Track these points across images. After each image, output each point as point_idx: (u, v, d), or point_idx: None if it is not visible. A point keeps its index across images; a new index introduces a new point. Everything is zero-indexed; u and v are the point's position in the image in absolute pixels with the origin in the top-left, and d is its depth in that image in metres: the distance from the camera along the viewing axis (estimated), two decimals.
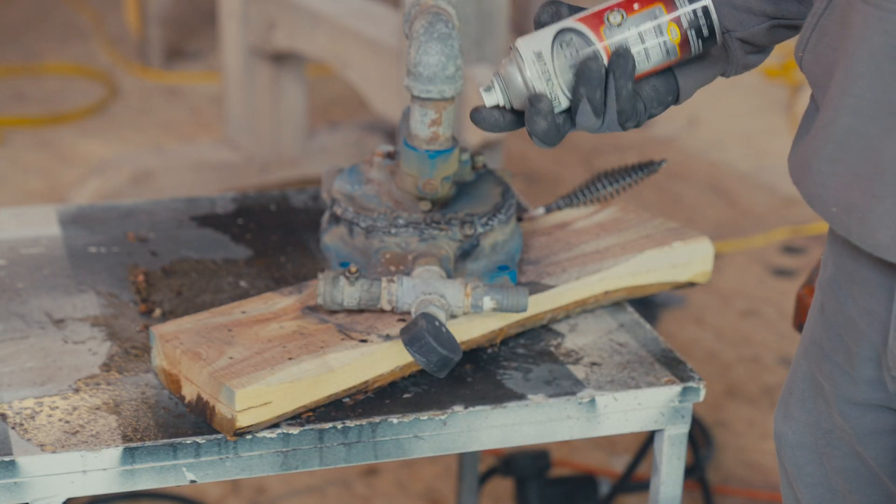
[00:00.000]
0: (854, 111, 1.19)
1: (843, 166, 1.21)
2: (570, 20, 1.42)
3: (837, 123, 1.21)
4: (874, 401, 1.31)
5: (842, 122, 1.21)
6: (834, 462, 1.36)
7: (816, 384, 1.37)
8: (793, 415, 1.40)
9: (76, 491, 1.51)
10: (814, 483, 1.39)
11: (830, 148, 1.22)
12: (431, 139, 1.72)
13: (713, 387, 3.25)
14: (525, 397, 1.63)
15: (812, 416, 1.38)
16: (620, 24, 1.40)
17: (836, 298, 1.32)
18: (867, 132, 1.18)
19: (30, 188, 4.20)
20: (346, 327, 1.64)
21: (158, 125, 4.72)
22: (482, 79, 3.18)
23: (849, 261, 1.29)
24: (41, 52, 5.31)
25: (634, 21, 1.41)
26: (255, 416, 1.52)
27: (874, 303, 1.27)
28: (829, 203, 1.23)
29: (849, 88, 1.20)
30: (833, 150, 1.22)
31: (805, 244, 3.99)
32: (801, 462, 1.40)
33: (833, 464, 1.36)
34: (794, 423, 1.40)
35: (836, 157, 1.22)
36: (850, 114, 1.20)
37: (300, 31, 3.75)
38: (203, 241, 1.97)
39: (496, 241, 1.78)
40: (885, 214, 1.18)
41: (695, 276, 1.87)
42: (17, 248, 1.93)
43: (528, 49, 1.42)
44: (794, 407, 1.40)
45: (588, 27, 1.41)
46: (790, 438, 1.41)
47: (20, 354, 1.67)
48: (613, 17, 1.41)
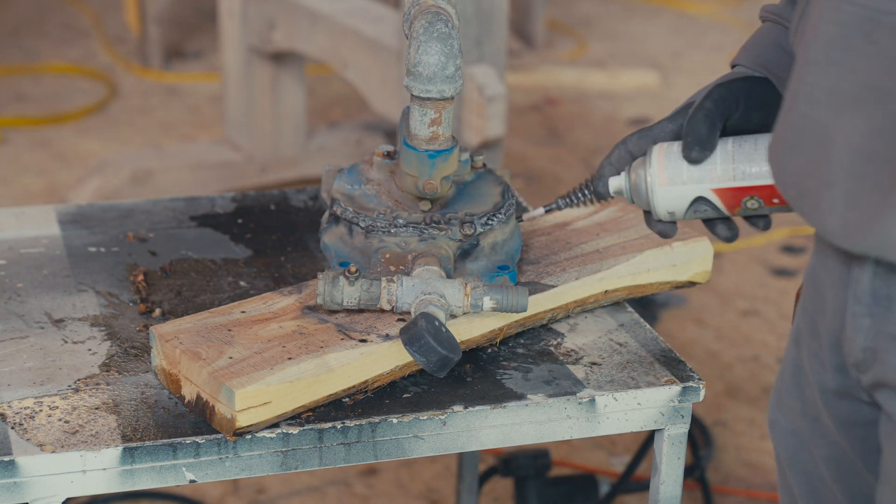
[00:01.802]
0: (808, 99, 1.21)
1: (798, 152, 1.23)
2: (706, 187, 1.47)
3: (794, 110, 1.23)
4: (844, 388, 1.32)
5: (798, 109, 1.23)
6: (820, 450, 1.38)
7: (802, 371, 1.38)
8: (784, 402, 1.41)
9: (76, 491, 1.51)
10: (804, 471, 1.41)
11: (787, 134, 1.25)
12: (431, 139, 1.72)
13: (713, 387, 3.25)
14: (525, 397, 1.63)
15: (800, 404, 1.39)
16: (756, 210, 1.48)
17: (812, 284, 1.35)
18: (819, 119, 1.20)
19: (29, 188, 4.20)
20: (346, 327, 1.64)
21: (158, 125, 4.72)
22: (483, 79, 3.18)
23: (822, 246, 1.32)
24: (41, 52, 5.31)
25: (768, 211, 1.49)
26: (255, 415, 1.52)
27: (836, 289, 1.28)
28: (789, 188, 1.26)
29: (804, 76, 1.21)
30: (790, 137, 1.24)
31: (805, 244, 3.99)
32: (793, 450, 1.41)
33: (819, 452, 1.38)
34: (786, 411, 1.41)
35: (793, 144, 1.24)
36: (804, 101, 1.21)
37: (300, 31, 3.75)
38: (203, 241, 1.97)
39: (496, 240, 1.78)
40: (834, 201, 1.20)
41: (694, 276, 1.87)
42: (16, 248, 1.93)
43: (663, 208, 1.50)
44: (785, 394, 1.42)
45: (724, 204, 1.49)
46: (783, 425, 1.42)
47: (20, 354, 1.67)
48: (751, 204, 1.48)
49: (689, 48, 5.58)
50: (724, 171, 1.47)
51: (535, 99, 5.04)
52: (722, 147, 1.46)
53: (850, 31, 1.17)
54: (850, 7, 1.17)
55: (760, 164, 1.45)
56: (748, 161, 1.46)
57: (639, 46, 5.64)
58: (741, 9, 6.02)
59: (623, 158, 1.53)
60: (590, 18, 5.99)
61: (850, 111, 1.18)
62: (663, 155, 1.49)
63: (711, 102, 1.44)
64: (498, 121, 3.20)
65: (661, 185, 1.48)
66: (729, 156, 1.46)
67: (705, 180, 1.48)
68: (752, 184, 1.47)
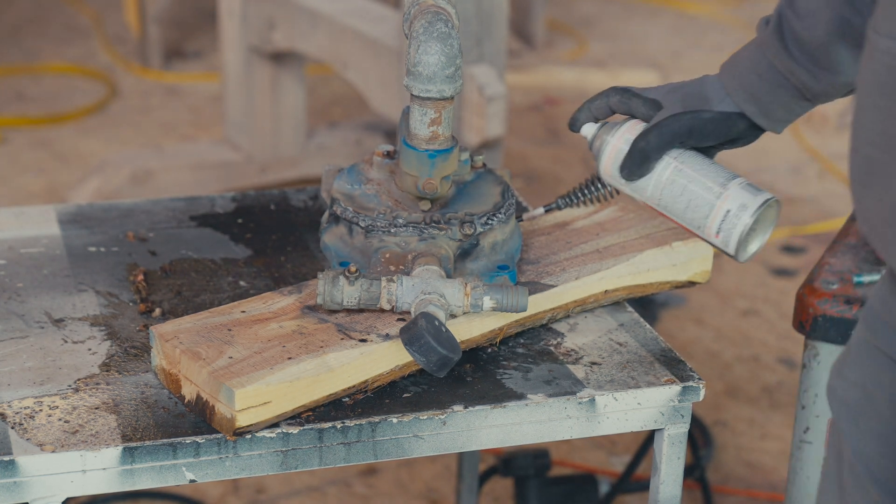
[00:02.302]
0: (868, 141, 1.22)
1: (869, 191, 1.24)
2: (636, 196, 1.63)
3: (859, 152, 1.24)
4: None
5: (862, 150, 1.23)
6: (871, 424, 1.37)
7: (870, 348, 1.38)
8: (844, 373, 1.40)
9: (76, 490, 1.51)
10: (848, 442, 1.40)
11: (858, 174, 1.25)
12: (431, 139, 1.72)
13: (713, 386, 3.25)
14: (525, 397, 1.63)
15: (859, 376, 1.38)
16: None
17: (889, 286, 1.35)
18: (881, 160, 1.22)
19: (29, 188, 4.20)
20: (346, 327, 1.64)
21: (158, 125, 4.72)
22: (483, 79, 3.18)
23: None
24: (41, 52, 5.31)
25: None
26: (255, 415, 1.52)
27: None
28: (863, 222, 1.27)
29: (859, 119, 1.22)
30: (861, 177, 1.25)
31: (805, 244, 3.99)
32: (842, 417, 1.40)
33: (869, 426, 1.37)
34: (844, 381, 1.40)
35: (864, 183, 1.25)
36: (866, 144, 1.22)
37: (300, 31, 3.75)
38: (203, 241, 1.97)
39: (496, 240, 1.78)
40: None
41: (694, 276, 1.87)
42: (16, 248, 1.93)
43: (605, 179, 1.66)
44: (846, 366, 1.41)
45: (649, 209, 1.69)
46: (838, 393, 1.41)
47: (20, 354, 1.67)
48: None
49: (689, 48, 5.58)
50: (652, 195, 1.60)
51: (535, 99, 5.04)
52: (661, 171, 1.58)
53: (884, 78, 1.18)
54: (882, 56, 1.18)
55: (681, 209, 1.57)
56: (672, 200, 1.58)
57: (639, 46, 5.64)
58: (741, 9, 6.02)
59: (601, 109, 1.66)
60: (590, 18, 5.99)
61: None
62: (617, 149, 1.61)
63: (656, 135, 1.57)
64: (498, 121, 3.20)
65: (603, 172, 1.64)
66: (660, 186, 1.58)
67: (636, 192, 1.62)
68: (669, 216, 1.61)
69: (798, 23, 1.51)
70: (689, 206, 1.57)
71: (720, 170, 1.58)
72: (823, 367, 1.94)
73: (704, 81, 1.60)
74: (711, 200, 1.56)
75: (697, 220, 1.57)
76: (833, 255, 2.03)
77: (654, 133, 1.57)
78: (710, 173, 1.57)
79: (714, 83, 1.58)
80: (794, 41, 1.52)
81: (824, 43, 1.50)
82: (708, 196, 1.56)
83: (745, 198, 1.55)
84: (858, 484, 1.38)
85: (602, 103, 1.65)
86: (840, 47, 1.49)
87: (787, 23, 1.52)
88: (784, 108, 1.56)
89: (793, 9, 1.52)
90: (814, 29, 1.50)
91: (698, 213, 1.57)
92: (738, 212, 1.55)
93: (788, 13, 1.52)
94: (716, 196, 1.56)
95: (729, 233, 1.56)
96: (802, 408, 1.98)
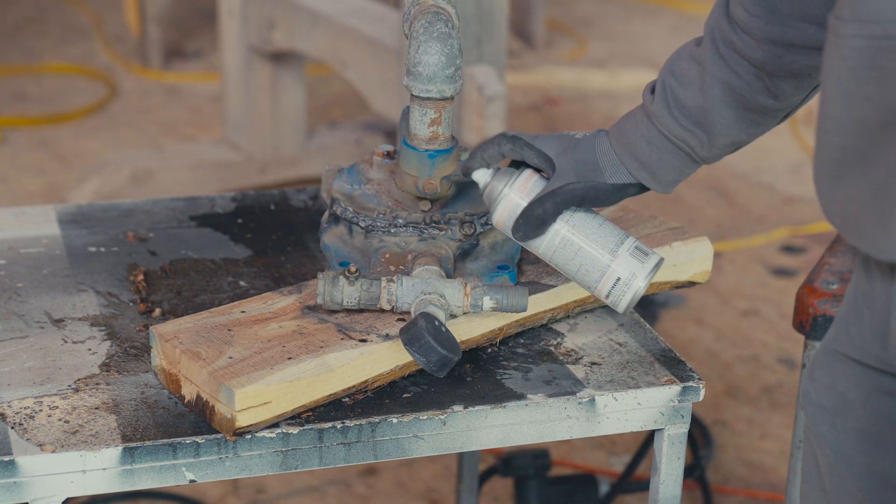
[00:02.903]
0: (840, 131, 1.23)
1: (844, 181, 1.25)
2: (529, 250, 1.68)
3: (830, 144, 1.25)
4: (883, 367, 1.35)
5: (833, 142, 1.24)
6: (847, 423, 1.38)
7: (835, 350, 1.41)
8: (816, 376, 1.42)
9: (75, 490, 1.51)
10: (827, 443, 1.41)
11: (829, 167, 1.26)
12: (431, 139, 1.72)
13: (713, 386, 3.25)
14: (525, 397, 1.63)
15: (830, 379, 1.40)
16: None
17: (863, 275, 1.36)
18: (856, 147, 1.23)
19: (29, 188, 4.20)
20: (346, 327, 1.64)
21: (158, 125, 4.72)
22: (483, 79, 3.18)
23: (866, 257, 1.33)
24: (41, 52, 5.31)
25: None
26: (255, 415, 1.52)
27: (885, 285, 1.31)
28: (835, 215, 1.27)
29: (828, 112, 1.24)
30: (832, 169, 1.26)
31: (805, 244, 3.99)
32: (818, 421, 1.41)
33: (845, 424, 1.38)
34: (816, 385, 1.42)
35: (838, 174, 1.26)
36: (838, 134, 1.24)
37: (300, 31, 3.75)
38: (202, 241, 1.97)
39: (496, 240, 1.78)
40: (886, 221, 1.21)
41: (694, 276, 1.87)
42: (16, 248, 1.93)
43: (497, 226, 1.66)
44: (817, 369, 1.43)
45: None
46: (812, 397, 1.43)
47: (20, 354, 1.67)
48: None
49: None
50: (544, 254, 1.64)
51: (535, 99, 5.04)
52: (553, 235, 1.63)
53: (854, 63, 1.20)
54: (849, 40, 1.20)
55: (573, 270, 1.63)
56: (564, 262, 1.63)
57: (638, 46, 5.64)
58: None
59: (494, 156, 1.66)
60: (590, 18, 5.99)
61: (879, 136, 1.19)
62: (513, 201, 1.63)
63: (552, 204, 1.61)
64: (498, 121, 3.20)
65: (497, 223, 1.65)
66: (552, 248, 1.63)
67: (528, 247, 1.65)
68: (563, 273, 1.65)
69: (681, 90, 1.56)
70: (580, 269, 1.63)
71: (610, 233, 1.64)
72: None
73: (597, 148, 1.62)
74: (602, 268, 1.62)
75: (589, 282, 1.64)
76: (833, 255, 2.03)
77: (550, 201, 1.61)
78: (601, 238, 1.63)
79: (607, 152, 1.62)
80: (678, 107, 1.56)
81: (705, 108, 1.54)
82: (598, 265, 1.63)
83: (634, 266, 1.62)
84: (841, 485, 1.39)
85: (494, 151, 1.66)
86: (721, 110, 1.54)
87: (670, 90, 1.57)
88: (675, 171, 1.61)
89: (675, 76, 1.57)
90: (694, 95, 1.55)
91: (589, 277, 1.63)
92: (629, 279, 1.62)
93: (671, 80, 1.57)
94: (605, 265, 1.62)
95: (619, 297, 1.63)
96: (802, 408, 1.98)
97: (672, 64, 1.58)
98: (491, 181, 1.65)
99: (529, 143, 1.64)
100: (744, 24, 1.48)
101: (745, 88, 1.52)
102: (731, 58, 1.51)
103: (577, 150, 1.62)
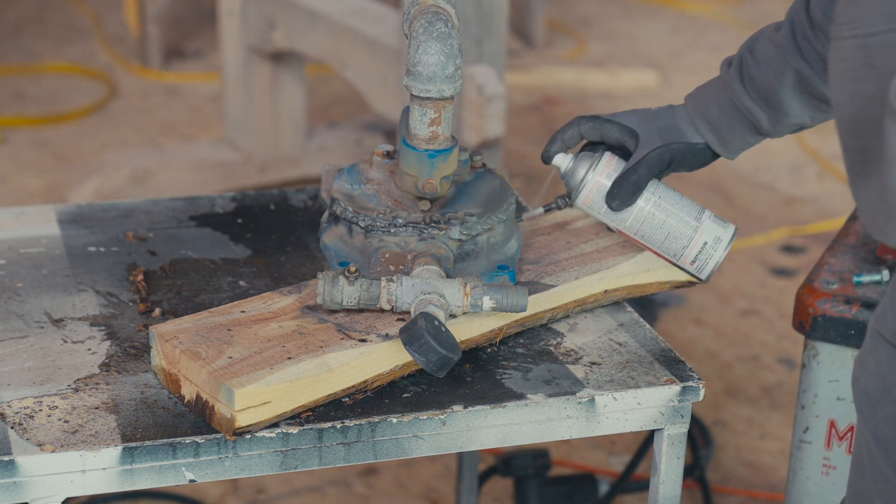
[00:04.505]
0: (860, 133, 1.27)
1: (871, 181, 1.27)
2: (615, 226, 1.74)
3: (852, 148, 1.29)
4: None
5: (856, 144, 1.28)
6: (885, 409, 1.39)
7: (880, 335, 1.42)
8: (865, 362, 1.45)
9: (75, 490, 1.51)
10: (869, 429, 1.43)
11: (858, 168, 1.29)
12: (431, 139, 1.72)
13: (712, 386, 3.25)
14: (524, 397, 1.63)
15: (875, 363, 1.41)
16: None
17: None
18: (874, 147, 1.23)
19: (29, 188, 4.20)
20: (346, 327, 1.64)
21: (158, 125, 4.72)
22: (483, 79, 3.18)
23: None
24: (41, 51, 5.31)
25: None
26: (255, 415, 1.52)
27: None
28: (863, 213, 1.31)
29: (842, 117, 1.29)
30: (861, 169, 1.29)
31: (805, 244, 3.99)
32: (863, 407, 1.45)
33: (885, 411, 1.39)
34: (865, 371, 1.44)
35: (867, 174, 1.28)
36: (864, 136, 1.27)
37: (299, 31, 3.75)
38: (202, 241, 1.97)
39: (496, 240, 1.78)
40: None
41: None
42: (16, 248, 1.93)
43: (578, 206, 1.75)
44: (865, 355, 1.46)
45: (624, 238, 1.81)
46: (860, 383, 1.46)
47: (19, 354, 1.67)
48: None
49: (688, 48, 5.58)
50: (632, 226, 1.73)
51: (535, 99, 5.04)
52: (643, 205, 1.71)
53: (851, 63, 1.26)
54: (845, 42, 1.26)
55: (660, 239, 1.72)
56: (651, 231, 1.72)
57: (638, 46, 5.64)
58: (741, 9, 6.02)
59: (573, 138, 1.75)
60: (589, 18, 5.99)
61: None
62: (598, 182, 1.71)
63: (645, 168, 1.70)
64: (497, 120, 3.20)
65: (583, 203, 1.73)
66: (641, 219, 1.72)
67: (615, 221, 1.73)
68: (645, 244, 1.74)
69: (755, 68, 1.69)
70: (668, 237, 1.73)
71: (691, 203, 1.74)
72: (823, 367, 1.94)
73: (675, 114, 1.74)
74: (690, 234, 1.72)
75: (675, 249, 1.73)
76: (833, 255, 2.03)
77: (643, 166, 1.71)
78: (685, 207, 1.73)
79: (682, 116, 1.74)
80: (751, 83, 1.70)
81: (775, 88, 1.68)
82: (686, 230, 1.72)
83: (718, 231, 1.73)
84: (878, 471, 1.40)
85: (574, 132, 1.74)
86: (789, 92, 1.68)
87: (746, 66, 1.70)
88: (740, 139, 1.73)
89: (752, 55, 1.70)
90: (767, 74, 1.69)
91: (677, 244, 1.73)
92: (714, 244, 1.73)
93: (748, 58, 1.70)
94: (693, 230, 1.72)
95: (705, 262, 1.73)
96: (802, 408, 1.98)
97: (752, 42, 1.71)
98: (572, 165, 1.73)
99: (610, 120, 1.74)
100: (819, 23, 1.62)
101: (813, 78, 1.65)
102: (806, 49, 1.65)
103: (658, 119, 1.74)
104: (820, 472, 1.99)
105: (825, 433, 1.97)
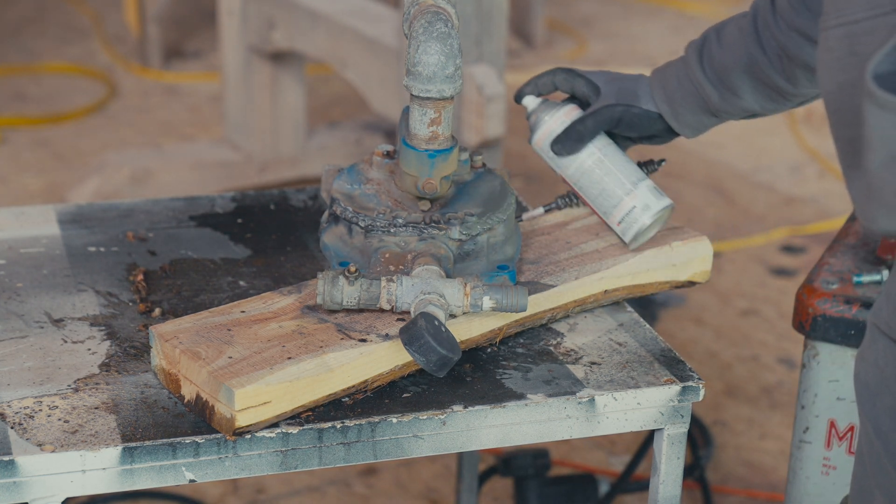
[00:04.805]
0: (848, 123, 1.28)
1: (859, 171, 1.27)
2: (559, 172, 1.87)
3: (843, 138, 1.30)
4: None
5: (846, 134, 1.29)
6: (884, 400, 1.39)
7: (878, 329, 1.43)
8: (865, 356, 1.46)
9: (75, 490, 1.51)
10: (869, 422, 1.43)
11: (850, 158, 1.30)
12: (431, 139, 1.72)
13: (712, 386, 3.25)
14: (524, 397, 1.63)
15: (874, 356, 1.42)
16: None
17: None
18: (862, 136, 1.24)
19: (29, 188, 4.20)
20: (346, 327, 1.64)
21: (157, 124, 4.72)
22: (483, 79, 3.18)
23: None
24: (41, 51, 5.31)
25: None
26: (255, 415, 1.52)
27: None
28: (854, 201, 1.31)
29: (832, 105, 1.31)
30: (852, 160, 1.30)
31: (805, 244, 3.99)
32: (863, 400, 1.45)
33: (883, 402, 1.39)
34: (865, 364, 1.44)
35: (853, 164, 1.29)
36: (851, 125, 1.28)
37: (299, 31, 3.75)
38: (202, 241, 1.97)
39: (496, 240, 1.78)
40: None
41: (694, 276, 1.87)
42: (16, 248, 1.93)
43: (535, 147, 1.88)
44: (865, 348, 1.47)
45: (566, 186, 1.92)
46: (861, 377, 1.47)
47: (19, 354, 1.67)
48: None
49: None
50: (572, 175, 1.84)
51: None
52: (585, 158, 1.82)
53: (838, 52, 1.28)
54: (832, 32, 1.28)
55: (594, 194, 1.82)
56: (588, 184, 1.83)
57: (638, 46, 5.64)
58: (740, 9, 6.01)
59: (546, 85, 1.88)
60: (589, 18, 5.99)
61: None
62: (551, 127, 1.84)
63: (592, 121, 1.81)
64: (497, 120, 3.20)
65: (535, 144, 1.87)
66: (581, 171, 1.83)
67: (560, 168, 1.85)
68: (582, 196, 1.85)
69: (717, 48, 1.78)
70: (601, 193, 1.82)
71: (634, 169, 1.83)
72: (823, 367, 1.94)
73: (638, 81, 1.84)
74: (621, 195, 1.81)
75: (606, 207, 1.82)
76: (833, 255, 2.03)
77: (591, 119, 1.82)
78: (626, 170, 1.82)
79: (645, 84, 1.83)
80: (708, 60, 1.79)
81: (730, 68, 1.77)
82: (618, 191, 1.81)
83: (649, 199, 1.80)
84: (878, 464, 1.40)
85: (548, 80, 1.87)
86: (742, 75, 1.76)
87: (708, 45, 1.80)
88: (691, 113, 1.82)
89: (718, 35, 1.79)
90: (725, 56, 1.77)
91: (608, 202, 1.82)
92: (642, 210, 1.80)
93: (713, 37, 1.80)
94: (625, 192, 1.80)
95: (629, 225, 1.80)
96: (802, 408, 1.98)
97: (721, 25, 1.81)
98: (537, 108, 1.86)
99: (581, 74, 1.86)
100: (781, 10, 1.71)
101: (766, 64, 1.74)
102: (765, 35, 1.74)
103: (622, 81, 1.84)
104: (820, 472, 1.99)
105: (825, 433, 1.97)
